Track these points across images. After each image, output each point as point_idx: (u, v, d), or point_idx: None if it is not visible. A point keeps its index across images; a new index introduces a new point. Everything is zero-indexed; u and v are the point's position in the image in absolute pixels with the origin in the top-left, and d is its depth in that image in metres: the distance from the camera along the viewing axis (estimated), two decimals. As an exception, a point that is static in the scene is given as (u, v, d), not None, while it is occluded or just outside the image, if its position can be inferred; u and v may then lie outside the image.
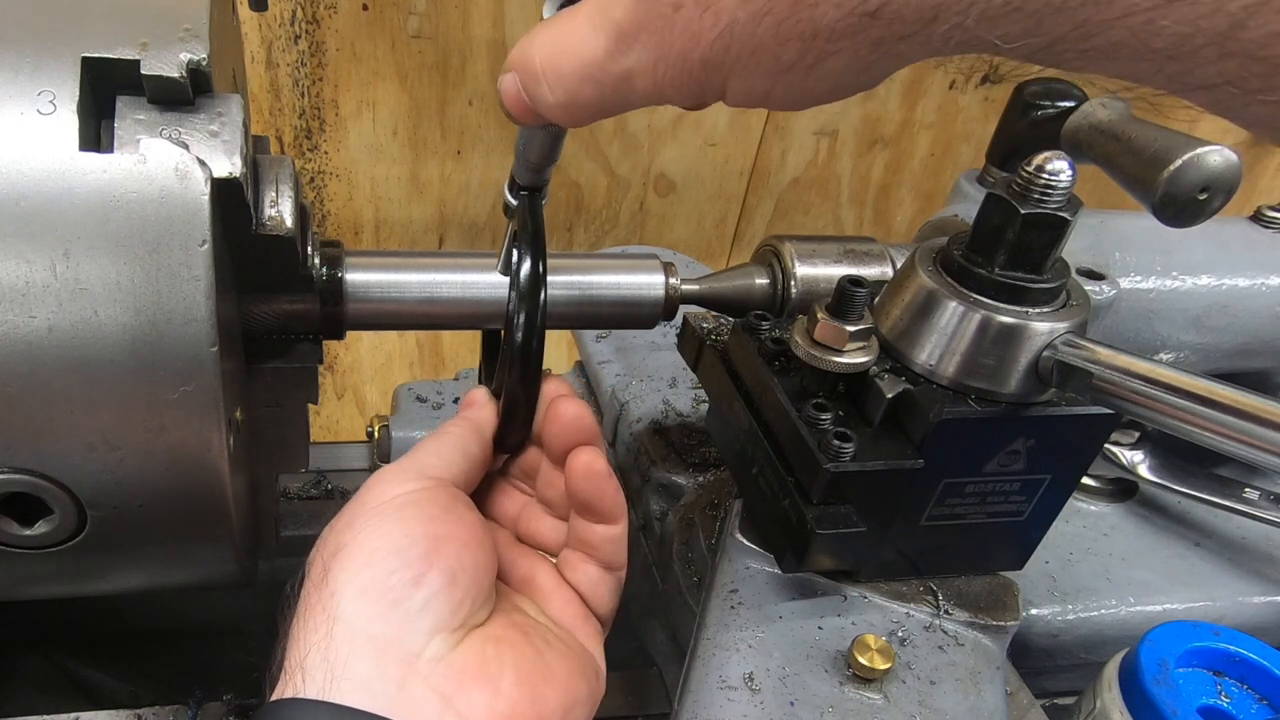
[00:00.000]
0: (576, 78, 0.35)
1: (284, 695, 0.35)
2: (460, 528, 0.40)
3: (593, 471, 0.43)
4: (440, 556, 0.38)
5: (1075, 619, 0.64)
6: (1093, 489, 0.74)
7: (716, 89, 0.32)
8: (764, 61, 0.30)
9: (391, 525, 0.38)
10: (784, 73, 0.30)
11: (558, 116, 0.37)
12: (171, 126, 0.38)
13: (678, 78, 0.32)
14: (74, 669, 0.75)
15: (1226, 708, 0.55)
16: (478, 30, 1.02)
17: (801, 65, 0.29)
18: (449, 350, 1.31)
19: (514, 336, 0.44)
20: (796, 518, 0.48)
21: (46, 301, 0.36)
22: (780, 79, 0.30)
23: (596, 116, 0.37)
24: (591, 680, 0.43)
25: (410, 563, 0.37)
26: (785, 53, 0.29)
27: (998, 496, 0.51)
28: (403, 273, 0.50)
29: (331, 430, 1.33)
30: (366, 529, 0.38)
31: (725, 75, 0.31)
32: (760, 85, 0.31)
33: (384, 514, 0.39)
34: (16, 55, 0.37)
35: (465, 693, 0.36)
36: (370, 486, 0.41)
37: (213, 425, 0.40)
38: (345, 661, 0.35)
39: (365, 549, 0.37)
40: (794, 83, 0.30)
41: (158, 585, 0.50)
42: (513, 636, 0.40)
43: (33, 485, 0.40)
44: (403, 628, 0.36)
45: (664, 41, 0.31)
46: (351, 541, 0.38)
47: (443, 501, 0.40)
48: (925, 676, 0.51)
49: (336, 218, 1.13)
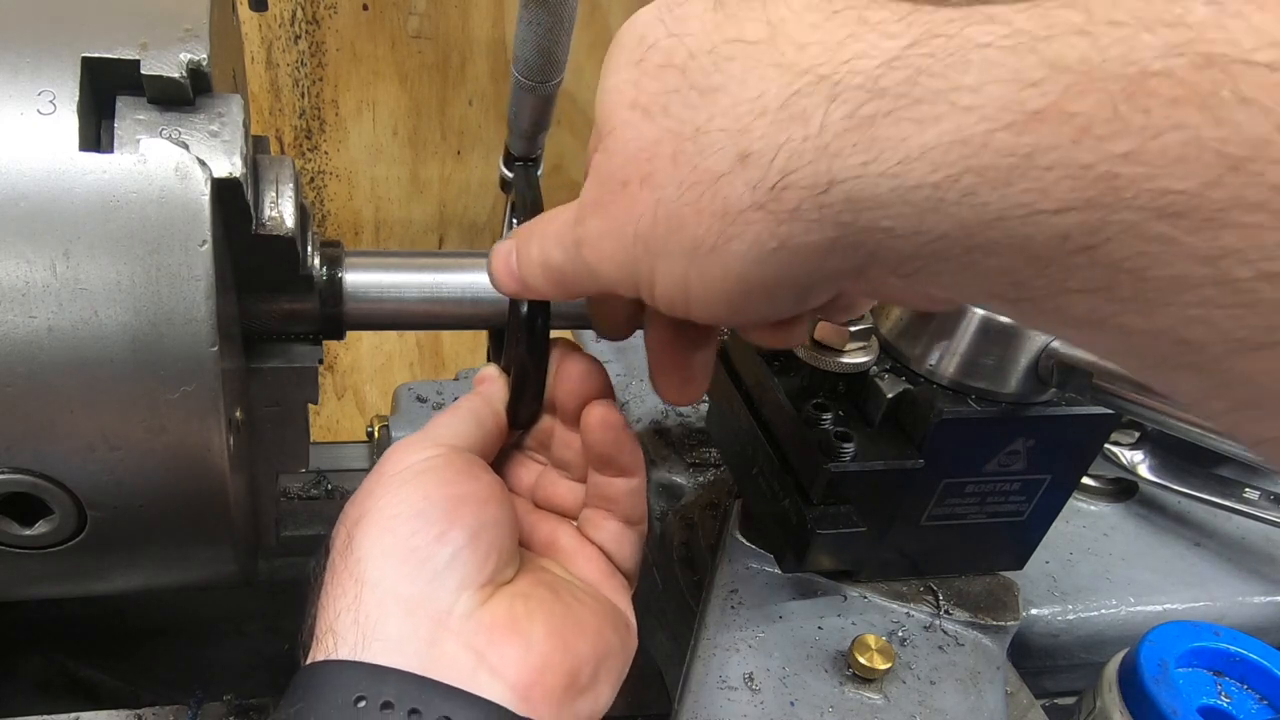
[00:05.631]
0: (551, 239, 0.38)
1: (316, 659, 0.35)
2: (478, 487, 0.40)
3: (608, 423, 0.43)
4: (460, 515, 0.38)
5: (1075, 619, 0.64)
6: (1093, 489, 0.74)
7: (648, 271, 0.33)
8: (684, 240, 0.30)
9: (410, 490, 0.39)
10: (698, 253, 0.30)
11: (534, 275, 0.40)
12: (171, 126, 0.38)
13: (616, 251, 0.33)
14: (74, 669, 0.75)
15: (1226, 708, 0.55)
16: (478, 30, 1.02)
17: (710, 245, 0.30)
18: (449, 350, 1.31)
19: (519, 308, 0.44)
20: (796, 518, 0.48)
21: (46, 301, 0.36)
22: (695, 261, 0.31)
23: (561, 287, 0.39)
24: (623, 632, 0.43)
25: (432, 522, 0.37)
26: (700, 229, 0.30)
27: (998, 496, 0.51)
28: (403, 273, 0.50)
29: (331, 430, 1.33)
30: (386, 495, 0.39)
31: (655, 254, 0.32)
32: (679, 267, 0.31)
33: (402, 480, 0.39)
34: (16, 55, 0.37)
35: (496, 647, 0.36)
36: (388, 457, 0.41)
37: (213, 425, 0.40)
38: (375, 623, 0.35)
39: (386, 514, 0.38)
40: (705, 267, 0.30)
41: (158, 585, 0.50)
42: (540, 593, 0.40)
43: (33, 485, 0.40)
44: (430, 586, 0.36)
45: (610, 215, 0.33)
46: (373, 509, 0.38)
47: (458, 465, 0.41)
48: (925, 676, 0.51)
49: (336, 218, 1.13)
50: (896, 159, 0.25)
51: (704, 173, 0.29)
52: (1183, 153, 0.20)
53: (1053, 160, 0.22)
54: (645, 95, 0.32)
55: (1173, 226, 0.21)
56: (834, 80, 0.26)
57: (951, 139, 0.24)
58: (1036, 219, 0.23)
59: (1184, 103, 0.20)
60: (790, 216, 0.28)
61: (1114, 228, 0.22)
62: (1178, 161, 0.21)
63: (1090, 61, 0.22)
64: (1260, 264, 0.20)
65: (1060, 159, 0.22)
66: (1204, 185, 0.20)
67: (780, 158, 0.27)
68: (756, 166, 0.28)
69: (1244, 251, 0.20)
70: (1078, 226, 0.22)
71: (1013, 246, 0.24)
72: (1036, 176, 0.23)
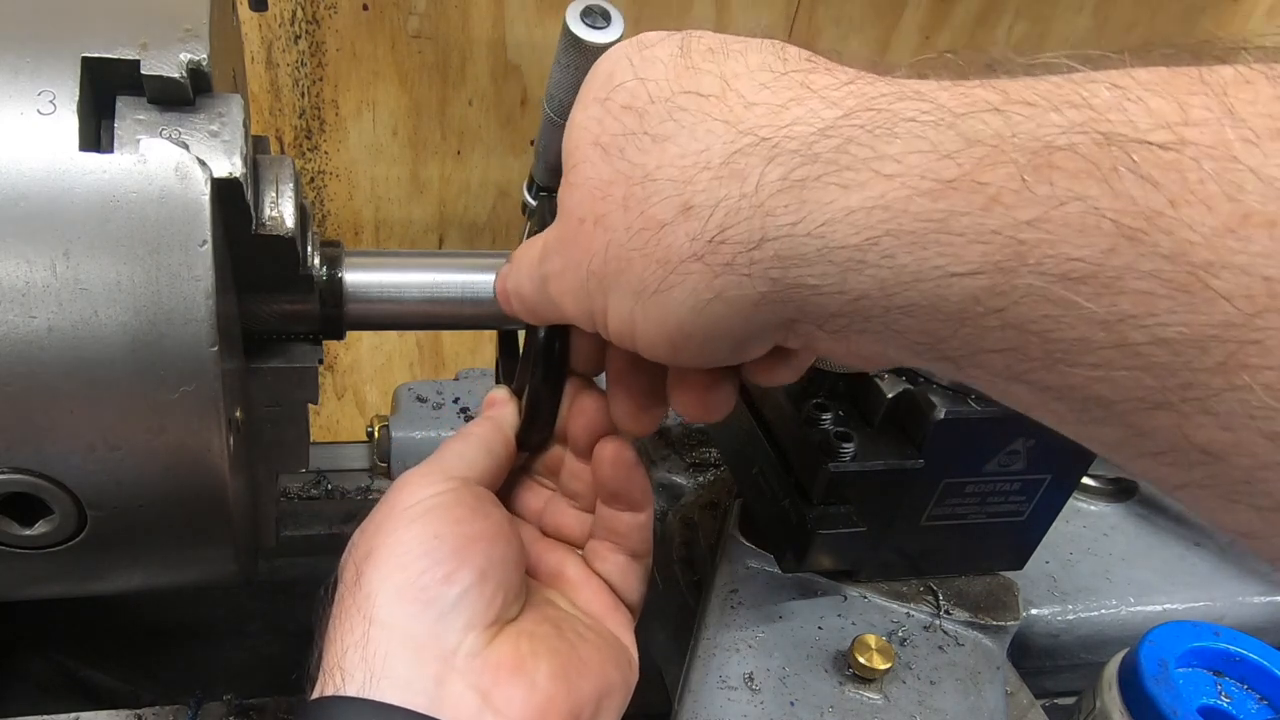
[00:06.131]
0: (524, 273, 0.40)
1: (324, 693, 0.36)
2: (487, 525, 0.40)
3: (620, 460, 0.44)
4: (469, 554, 0.38)
5: (1075, 619, 0.65)
6: (1093, 489, 0.74)
7: (600, 306, 0.34)
8: (631, 280, 0.32)
9: (420, 527, 0.39)
10: (642, 295, 0.32)
11: (513, 305, 0.42)
12: (171, 126, 0.38)
13: (574, 285, 0.35)
14: (74, 669, 0.75)
15: (1226, 708, 0.55)
16: (478, 30, 1.02)
17: (653, 289, 0.31)
18: (449, 350, 1.31)
19: (536, 335, 0.44)
20: (796, 518, 0.48)
21: (46, 301, 0.36)
22: (640, 302, 0.32)
23: (534, 316, 0.41)
24: (625, 668, 0.43)
25: (440, 562, 0.38)
26: (645, 273, 0.31)
27: (998, 496, 0.51)
28: (403, 273, 0.50)
29: (331, 430, 1.33)
30: (396, 532, 0.39)
31: (606, 290, 0.33)
32: (626, 305, 0.33)
33: (412, 517, 0.39)
34: (16, 55, 0.37)
35: (502, 688, 0.37)
36: (398, 489, 0.41)
37: (213, 425, 0.40)
38: (384, 661, 0.36)
39: (396, 552, 0.38)
40: (649, 310, 0.32)
41: (158, 585, 0.50)
42: (545, 630, 0.40)
43: (33, 485, 0.40)
44: (438, 626, 0.37)
45: (570, 251, 0.35)
46: (382, 545, 0.39)
47: (469, 502, 0.41)
48: (925, 676, 0.51)
49: (336, 218, 1.13)
50: (821, 220, 0.26)
51: (650, 219, 0.31)
52: (1083, 222, 0.22)
53: (964, 226, 0.24)
54: (606, 135, 0.33)
55: (1074, 292, 0.22)
56: (773, 143, 0.28)
57: (874, 204, 0.25)
58: (949, 281, 0.24)
59: (1085, 176, 0.22)
60: (725, 269, 0.29)
61: (1020, 291, 0.23)
62: (1078, 231, 0.22)
63: (1002, 136, 0.23)
64: (1153, 329, 0.21)
65: (971, 225, 0.23)
66: (1102, 253, 0.22)
67: (719, 213, 0.29)
68: (697, 219, 0.29)
69: (1138, 317, 0.21)
70: (987, 290, 0.24)
71: (928, 307, 0.25)
72: (949, 241, 0.24)
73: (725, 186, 0.29)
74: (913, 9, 1.10)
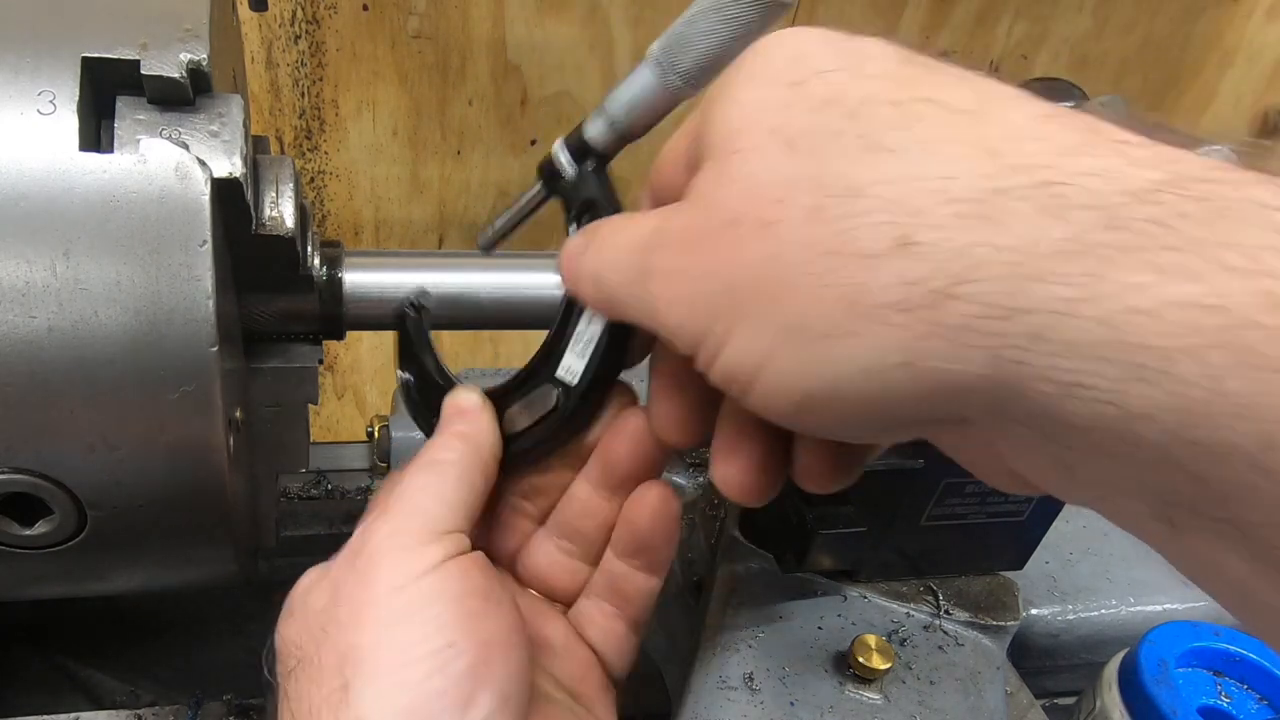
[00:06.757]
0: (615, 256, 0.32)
1: None
2: (502, 623, 0.33)
3: (666, 512, 0.37)
4: (490, 670, 0.31)
5: (1075, 619, 0.65)
6: (1093, 489, 0.74)
7: (722, 330, 0.27)
8: (788, 312, 0.25)
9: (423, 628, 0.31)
10: (798, 335, 0.25)
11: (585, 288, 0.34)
12: (171, 126, 0.38)
13: (692, 294, 0.28)
14: (74, 669, 0.75)
15: (1226, 708, 0.55)
16: (478, 30, 1.02)
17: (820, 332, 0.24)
18: (449, 350, 1.31)
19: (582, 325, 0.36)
20: (796, 517, 0.48)
21: (46, 301, 0.36)
22: (789, 342, 0.25)
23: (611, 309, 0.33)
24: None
25: (457, 681, 0.31)
26: (815, 309, 0.24)
27: (998, 496, 0.51)
28: (403, 273, 0.50)
29: (331, 430, 1.33)
30: (391, 629, 0.31)
31: (741, 314, 0.26)
32: (763, 341, 0.26)
33: (410, 609, 0.32)
34: (16, 55, 0.37)
35: None
36: (374, 561, 0.33)
37: (213, 425, 0.40)
38: None
39: (396, 660, 0.31)
40: (798, 354, 0.25)
41: (158, 585, 0.50)
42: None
43: (33, 485, 0.40)
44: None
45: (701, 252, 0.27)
46: (372, 644, 0.31)
47: (477, 584, 0.33)
48: (925, 676, 0.51)
49: (336, 218, 1.13)
50: (1122, 305, 0.20)
51: (846, 243, 0.24)
52: None
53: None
54: (794, 126, 0.26)
55: None
56: (1058, 190, 0.22)
57: (1209, 302, 0.19)
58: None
59: None
60: (941, 333, 0.22)
61: None
62: None
63: None
64: None
65: None
66: None
67: (958, 261, 0.22)
68: (920, 260, 0.23)
69: None
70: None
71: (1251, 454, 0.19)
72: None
73: (974, 231, 0.22)
74: (913, 9, 1.10)
